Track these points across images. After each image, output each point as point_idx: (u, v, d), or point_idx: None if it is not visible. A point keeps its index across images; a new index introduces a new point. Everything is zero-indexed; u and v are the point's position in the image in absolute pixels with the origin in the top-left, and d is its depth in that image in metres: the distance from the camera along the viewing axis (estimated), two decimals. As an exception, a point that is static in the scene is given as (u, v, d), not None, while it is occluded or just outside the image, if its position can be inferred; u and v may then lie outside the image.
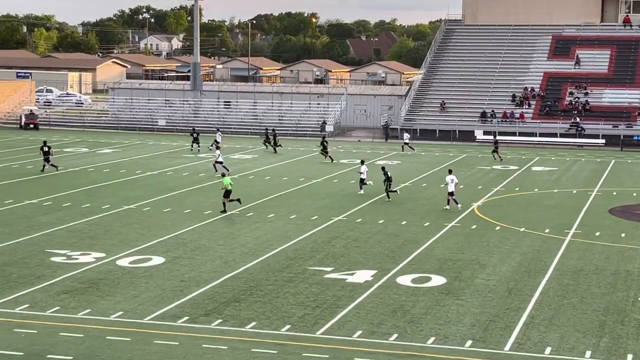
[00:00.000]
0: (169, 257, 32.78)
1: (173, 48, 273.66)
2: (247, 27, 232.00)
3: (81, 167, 56.72)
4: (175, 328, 24.54)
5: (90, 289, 28.23)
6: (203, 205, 43.68)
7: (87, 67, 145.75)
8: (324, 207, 43.81)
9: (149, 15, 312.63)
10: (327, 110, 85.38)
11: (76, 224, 38.51)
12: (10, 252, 32.87)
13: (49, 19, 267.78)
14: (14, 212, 40.87)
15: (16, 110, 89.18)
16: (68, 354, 22.32)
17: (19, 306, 26.20)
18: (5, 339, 23.33)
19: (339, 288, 28.91)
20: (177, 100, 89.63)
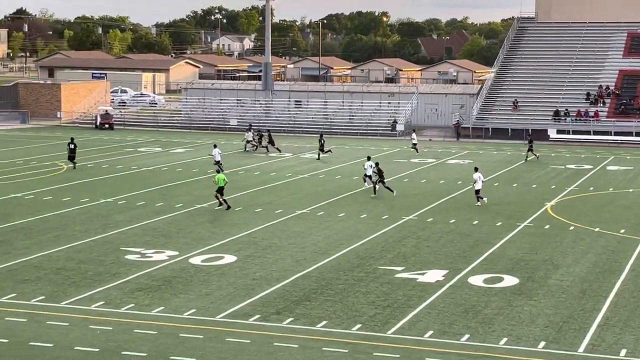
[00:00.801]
0: (240, 255, 33.04)
1: (245, 48, 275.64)
2: (318, 26, 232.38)
3: (155, 166, 57.47)
4: (247, 326, 24.72)
5: (164, 287, 28.60)
6: (274, 204, 43.91)
7: (160, 67, 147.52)
8: (394, 207, 43.69)
9: (221, 15, 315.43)
10: (398, 110, 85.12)
11: (150, 222, 39.04)
12: (86, 250, 33.47)
13: (124, 20, 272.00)
14: (90, 210, 41.60)
15: (92, 111, 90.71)
16: (142, 350, 22.64)
17: (95, 303, 26.66)
18: (81, 335, 23.76)
19: (409, 287, 28.82)
20: (249, 100, 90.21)
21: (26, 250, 33.27)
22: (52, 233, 36.34)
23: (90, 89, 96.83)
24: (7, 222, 38.24)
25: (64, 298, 27.13)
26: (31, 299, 27.00)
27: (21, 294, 27.42)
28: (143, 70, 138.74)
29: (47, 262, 31.48)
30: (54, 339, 23.31)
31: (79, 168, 55.36)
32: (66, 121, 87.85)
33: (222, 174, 43.75)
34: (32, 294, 27.45)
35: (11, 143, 69.50)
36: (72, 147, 55.85)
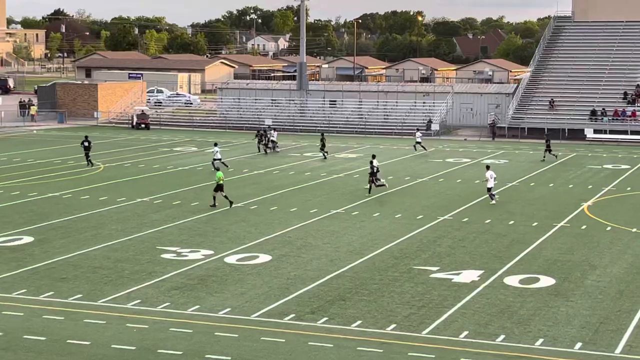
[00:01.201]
0: (275, 255, 33.13)
1: (279, 48, 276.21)
2: (353, 26, 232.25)
3: (190, 166, 57.76)
4: (282, 325, 24.79)
5: (199, 286, 28.75)
6: (309, 203, 43.98)
7: (196, 67, 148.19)
8: (429, 206, 43.59)
9: (256, 16, 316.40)
10: (433, 109, 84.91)
11: (186, 221, 39.26)
12: (122, 249, 33.73)
13: (160, 20, 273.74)
14: (126, 209, 41.91)
15: (128, 111, 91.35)
16: (178, 349, 22.78)
17: (131, 301, 26.86)
18: (117, 333, 23.96)
19: (444, 288, 28.75)
20: (284, 100, 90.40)
21: (64, 248, 33.60)
22: (89, 232, 36.67)
23: (127, 89, 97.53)
24: (45, 221, 38.63)
25: (101, 296, 27.37)
26: (69, 297, 27.26)
27: (59, 292, 27.70)
28: (179, 71, 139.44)
29: (85, 261, 31.77)
30: (91, 337, 23.53)
31: (116, 167, 55.80)
32: (103, 121, 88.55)
33: (221, 171, 43.90)
34: (69, 292, 27.72)
35: (49, 143, 70.17)
36: (86, 145, 56.54)
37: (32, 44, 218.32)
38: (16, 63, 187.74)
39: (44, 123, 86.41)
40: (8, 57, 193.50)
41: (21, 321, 24.82)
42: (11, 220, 38.92)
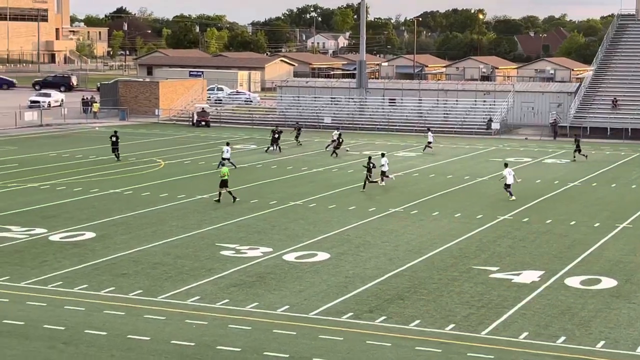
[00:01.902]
0: (334, 253, 33.12)
1: (339, 46, 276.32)
2: (413, 24, 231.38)
3: (250, 163, 58.01)
4: (340, 323, 24.77)
5: (258, 283, 28.86)
6: (367, 202, 43.90)
7: (256, 65, 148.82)
8: (489, 206, 43.24)
9: (316, 14, 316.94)
10: (494, 108, 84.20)
11: (245, 219, 39.44)
12: (182, 245, 34.00)
13: (220, 19, 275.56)
14: (186, 206, 42.23)
15: (189, 108, 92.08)
16: (236, 345, 22.89)
17: (191, 298, 27.06)
18: (177, 329, 24.15)
19: (504, 288, 28.48)
20: (343, 98, 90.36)
21: (125, 244, 33.98)
22: (149, 228, 37.03)
23: (188, 87, 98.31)
24: (107, 217, 39.11)
25: (161, 292, 27.61)
26: (129, 292, 27.56)
27: (120, 288, 28.01)
28: (239, 69, 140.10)
29: (145, 257, 32.09)
30: (151, 333, 23.75)
31: (177, 165, 56.28)
32: (164, 118, 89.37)
33: (226, 167, 44.21)
34: (130, 288, 28.02)
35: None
36: (114, 140, 57.53)
37: (95, 41, 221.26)
38: (79, 61, 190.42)
39: (106, 120, 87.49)
40: (71, 55, 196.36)
41: (83, 316, 25.15)
42: (73, 216, 39.47)
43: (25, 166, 54.38)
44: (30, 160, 56.92)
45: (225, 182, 43.05)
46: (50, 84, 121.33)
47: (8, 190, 45.92)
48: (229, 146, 54.98)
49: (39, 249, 33.08)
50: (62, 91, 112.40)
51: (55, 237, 35.09)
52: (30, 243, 34.00)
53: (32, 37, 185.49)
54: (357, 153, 64.49)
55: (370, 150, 65.76)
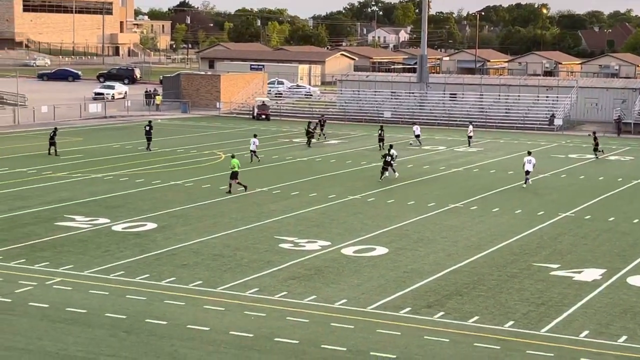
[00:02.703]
0: (392, 247, 33.09)
1: (400, 40, 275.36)
2: (475, 18, 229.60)
3: (308, 157, 58.16)
4: (398, 318, 24.76)
5: (316, 276, 28.96)
6: (426, 197, 43.76)
7: (316, 59, 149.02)
8: (550, 202, 42.81)
9: (377, 8, 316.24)
10: (556, 104, 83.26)
11: (303, 212, 39.58)
12: (242, 237, 34.25)
13: (282, 12, 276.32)
14: (245, 199, 42.51)
15: (249, 102, 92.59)
16: (294, 337, 23.01)
17: (249, 289, 27.26)
18: (236, 320, 24.36)
19: (565, 286, 28.20)
20: (403, 93, 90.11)
21: (185, 236, 34.34)
22: (209, 220, 37.36)
23: (248, 80, 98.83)
24: (168, 209, 39.55)
25: (220, 283, 27.86)
26: (189, 283, 27.86)
27: (180, 278, 28.33)
28: (299, 62, 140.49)
29: (205, 248, 32.40)
30: (210, 323, 23.99)
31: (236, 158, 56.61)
32: (225, 112, 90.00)
33: (236, 159, 44.38)
34: (190, 279, 28.32)
35: (173, 132, 71.73)
36: (147, 129, 58.63)
37: (158, 35, 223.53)
38: (143, 53, 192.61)
39: (168, 112, 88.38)
40: (135, 48, 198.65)
41: (144, 305, 25.50)
42: (136, 206, 39.99)
43: (90, 157, 55.21)
44: (94, 152, 57.78)
45: (236, 174, 43.62)
46: (114, 77, 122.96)
47: (73, 180, 46.68)
48: (256, 138, 55.45)
49: (102, 238, 33.60)
50: (125, 84, 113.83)
51: (118, 227, 35.60)
52: (93, 233, 34.55)
53: (97, 30, 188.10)
54: (417, 148, 64.25)
55: (429, 145, 65.54)
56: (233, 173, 43.69)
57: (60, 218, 36.96)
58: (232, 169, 43.86)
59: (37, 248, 31.86)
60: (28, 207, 39.23)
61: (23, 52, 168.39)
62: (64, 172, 48.90)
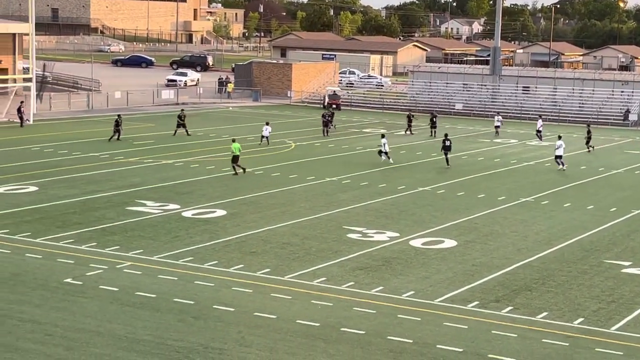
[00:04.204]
0: (461, 240, 32.86)
1: (473, 32, 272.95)
2: (551, 11, 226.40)
3: (377, 148, 57.89)
4: (465, 312, 24.58)
5: (384, 267, 28.90)
6: (497, 190, 43.34)
7: (388, 50, 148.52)
8: (624, 199, 42.07)
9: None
10: (632, 99, 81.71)
11: (372, 202, 39.51)
12: (310, 227, 34.33)
13: (355, 2, 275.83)
14: (315, 188, 42.60)
15: (320, 91, 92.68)
16: (361, 328, 23.00)
17: (317, 279, 27.31)
18: (303, 309, 24.43)
19: (636, 284, 27.71)
20: (475, 85, 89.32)
21: (254, 223, 34.53)
22: (278, 208, 37.52)
23: (320, 70, 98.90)
24: (238, 196, 39.82)
25: (288, 272, 27.97)
26: (257, 271, 28.01)
27: (248, 266, 28.51)
28: (371, 52, 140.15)
29: (273, 236, 32.54)
30: (277, 311, 24.10)
31: (307, 147, 56.81)
32: (295, 100, 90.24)
33: (237, 143, 45.56)
34: (258, 266, 28.48)
35: (244, 120, 72.16)
36: (180, 115, 59.71)
37: (231, 23, 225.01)
38: (215, 41, 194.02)
39: (239, 100, 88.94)
40: (208, 36, 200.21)
41: (212, 291, 25.72)
42: (206, 193, 40.35)
43: (161, 143, 55.84)
44: (165, 138, 58.40)
45: (236, 158, 44.95)
46: (187, 64, 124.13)
47: (144, 166, 47.27)
48: (269, 125, 57.07)
49: (172, 224, 33.97)
50: (198, 71, 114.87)
51: (187, 213, 35.96)
52: (164, 218, 34.95)
53: (171, 17, 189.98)
54: (488, 140, 63.67)
55: (501, 138, 64.88)
56: (234, 157, 45.04)
57: (132, 203, 37.47)
58: (233, 153, 45.12)
59: (108, 232, 32.35)
60: (100, 191, 39.85)
61: (98, 38, 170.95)
62: (135, 158, 49.56)
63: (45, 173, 43.82)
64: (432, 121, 66.29)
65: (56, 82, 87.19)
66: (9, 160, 47.50)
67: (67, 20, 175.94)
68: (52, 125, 63.23)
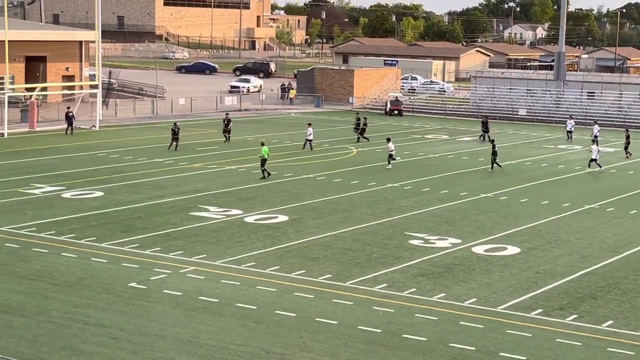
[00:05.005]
0: (524, 247, 32.55)
1: (537, 37, 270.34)
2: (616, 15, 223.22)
3: (441, 154, 57.76)
4: (529, 319, 24.33)
5: (446, 274, 28.75)
6: (561, 197, 42.84)
7: (450, 55, 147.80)
8: (692, 207, 41.30)
9: (514, 3, 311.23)
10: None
11: (434, 209, 39.34)
12: (372, 233, 34.29)
13: (417, 8, 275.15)
14: (376, 194, 42.55)
15: (382, 97, 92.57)
16: (422, 335, 22.90)
17: (378, 285, 27.27)
18: (364, 315, 24.41)
19: None
20: (539, 90, 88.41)
21: (316, 229, 34.61)
22: (340, 214, 37.55)
23: (382, 76, 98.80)
24: (300, 202, 39.96)
25: (349, 278, 27.97)
26: (318, 276, 28.06)
27: (310, 271, 28.57)
28: (433, 58, 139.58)
29: (335, 242, 32.58)
30: (338, 317, 24.11)
31: (368, 152, 56.78)
32: (357, 106, 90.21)
33: (266, 147, 46.08)
34: (319, 272, 28.53)
35: (305, 126, 72.33)
36: (225, 122, 59.97)
37: (293, 29, 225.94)
38: (278, 48, 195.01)
39: (302, 106, 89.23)
40: (271, 42, 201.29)
41: (274, 297, 25.83)
42: (268, 198, 40.54)
43: (224, 149, 56.25)
44: (228, 144, 58.81)
45: (264, 161, 45.51)
46: (249, 70, 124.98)
47: (208, 171, 47.68)
48: (311, 127, 57.87)
49: (234, 229, 34.20)
50: (260, 77, 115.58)
51: (250, 218, 36.18)
52: (226, 223, 35.21)
53: (235, 24, 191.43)
54: (552, 146, 62.98)
55: (565, 144, 64.13)
56: (262, 160, 45.55)
57: (195, 208, 37.82)
58: (261, 156, 45.60)
59: (172, 237, 32.69)
60: (165, 196, 40.30)
61: (162, 45, 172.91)
62: (199, 164, 50.00)
63: (111, 178, 44.46)
64: (484, 125, 65.92)
65: (122, 89, 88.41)
66: (76, 165, 48.28)
67: (133, 27, 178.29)
68: (117, 132, 64.12)
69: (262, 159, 45.66)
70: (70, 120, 60.96)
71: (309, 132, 57.25)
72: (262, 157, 45.66)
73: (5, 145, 54.87)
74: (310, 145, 56.80)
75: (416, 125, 75.85)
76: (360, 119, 64.05)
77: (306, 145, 56.99)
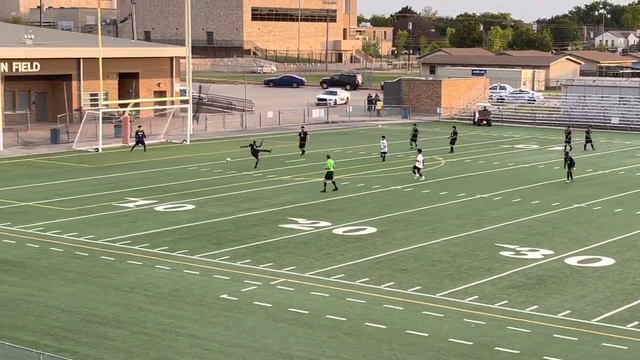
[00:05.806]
0: (619, 258, 31.88)
1: (629, 44, 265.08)
2: None
3: (531, 164, 57.00)
4: (625, 332, 23.82)
5: (538, 286, 28.33)
6: (657, 207, 41.84)
7: (540, 64, 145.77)
8: None
9: (605, 11, 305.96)
10: None
11: (525, 219, 38.82)
12: (461, 244, 34.01)
13: (505, 17, 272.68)
14: (465, 205, 42.19)
15: (470, 107, 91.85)
16: (515, 347, 22.60)
17: (469, 297, 27.02)
18: (455, 327, 24.20)
19: None
20: (632, 98, 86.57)
21: (405, 240, 34.48)
22: (429, 225, 37.35)
23: (470, 86, 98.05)
24: (388, 213, 39.87)
25: (439, 290, 27.78)
26: (408, 288, 27.94)
27: (399, 283, 28.47)
28: (522, 67, 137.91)
29: (424, 254, 32.41)
30: (429, 329, 23.96)
31: (457, 163, 56.37)
32: (445, 117, 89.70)
33: (331, 160, 45.56)
34: (409, 284, 28.41)
35: (393, 137, 72.15)
36: (302, 135, 59.90)
37: (380, 41, 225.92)
38: (364, 60, 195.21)
39: (389, 118, 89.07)
40: (357, 54, 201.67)
41: (363, 308, 25.81)
42: (356, 210, 40.56)
43: (312, 161, 56.48)
44: (316, 156, 59.02)
45: (331, 174, 44.98)
46: (336, 83, 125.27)
47: (296, 184, 47.94)
48: (385, 140, 57.74)
49: (323, 241, 34.30)
50: (347, 89, 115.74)
51: (338, 230, 36.24)
52: (315, 235, 35.33)
53: (321, 37, 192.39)
54: None
55: (660, 153, 62.70)
56: (328, 173, 45.10)
57: (284, 220, 38.04)
58: (327, 169, 45.18)
59: (262, 249, 32.95)
60: (254, 209, 40.64)
61: (251, 60, 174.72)
62: (287, 176, 50.30)
63: (202, 192, 45.05)
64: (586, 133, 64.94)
65: (211, 103, 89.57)
66: (168, 179, 49.07)
67: (222, 43, 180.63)
68: (207, 145, 64.97)
69: (328, 171, 45.50)
70: (140, 139, 60.62)
71: (383, 145, 57.12)
72: (328, 170, 45.52)
73: (100, 160, 56.09)
74: (383, 156, 56.69)
75: (505, 135, 75.01)
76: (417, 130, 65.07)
77: (384, 157, 56.92)
